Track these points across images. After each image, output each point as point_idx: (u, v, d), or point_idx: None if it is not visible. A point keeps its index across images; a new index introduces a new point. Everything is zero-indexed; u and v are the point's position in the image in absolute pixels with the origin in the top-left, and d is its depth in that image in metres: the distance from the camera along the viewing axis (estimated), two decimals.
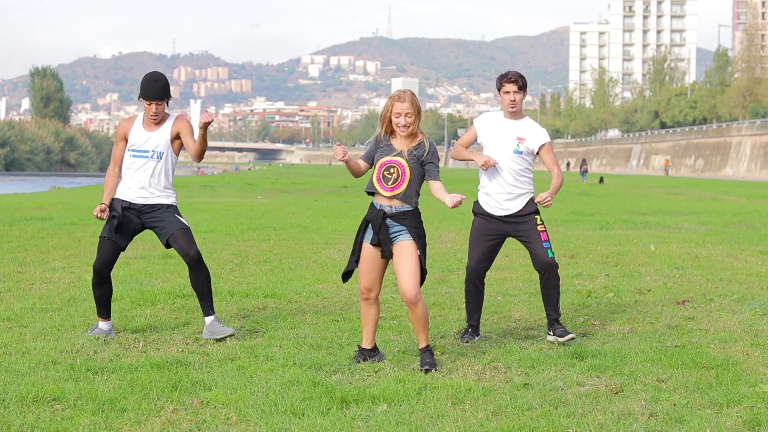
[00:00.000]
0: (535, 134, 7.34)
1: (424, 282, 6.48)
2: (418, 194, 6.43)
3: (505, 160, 7.29)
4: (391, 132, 6.43)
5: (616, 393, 5.69)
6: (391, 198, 6.34)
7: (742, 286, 10.24)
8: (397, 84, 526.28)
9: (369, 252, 6.45)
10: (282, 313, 8.44)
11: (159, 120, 7.29)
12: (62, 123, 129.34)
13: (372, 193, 6.45)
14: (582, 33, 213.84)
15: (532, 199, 7.36)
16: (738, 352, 6.78)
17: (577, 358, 6.65)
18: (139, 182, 7.28)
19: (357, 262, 6.51)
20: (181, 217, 7.36)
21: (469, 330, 7.44)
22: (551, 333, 7.28)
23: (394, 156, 6.34)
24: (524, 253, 13.43)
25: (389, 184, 6.35)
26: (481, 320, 8.03)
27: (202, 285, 7.29)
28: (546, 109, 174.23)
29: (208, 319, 7.28)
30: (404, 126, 6.33)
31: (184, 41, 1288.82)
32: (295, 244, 15.07)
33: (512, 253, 13.24)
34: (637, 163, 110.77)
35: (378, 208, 6.38)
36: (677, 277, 11.08)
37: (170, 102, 7.35)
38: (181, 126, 7.36)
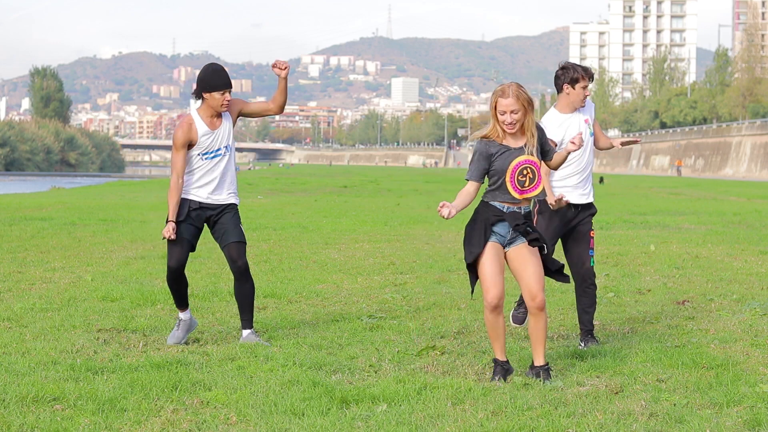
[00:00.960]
0: (589, 109, 7.30)
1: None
2: None
3: (588, 149, 7.22)
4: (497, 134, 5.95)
5: (616, 393, 5.68)
6: (522, 200, 5.97)
7: (742, 286, 10.24)
8: (397, 84, 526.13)
9: (496, 253, 5.94)
10: (282, 313, 8.44)
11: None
12: (62, 123, 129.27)
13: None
14: (582, 33, 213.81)
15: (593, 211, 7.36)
16: (738, 352, 6.77)
17: (577, 358, 6.65)
18: (213, 183, 7.13)
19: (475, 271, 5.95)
20: (241, 225, 7.25)
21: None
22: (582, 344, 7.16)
23: (525, 156, 5.92)
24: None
25: (525, 186, 5.94)
26: (483, 320, 8.05)
27: (242, 296, 7.18)
28: (546, 108, 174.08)
29: (246, 332, 7.18)
30: (510, 124, 5.88)
31: (184, 41, 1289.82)
32: (295, 244, 15.07)
33: None
34: (637, 163, 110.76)
35: (506, 211, 5.95)
36: (677, 277, 11.07)
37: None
38: (237, 105, 7.22)
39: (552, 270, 6.17)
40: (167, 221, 7.08)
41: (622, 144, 7.38)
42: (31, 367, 6.23)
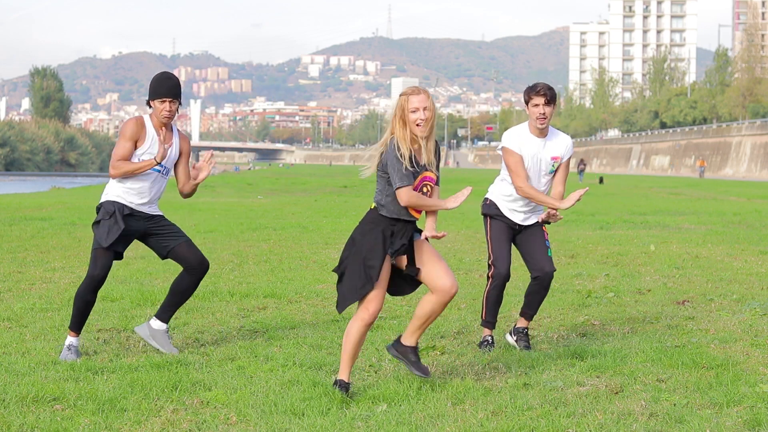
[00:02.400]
0: (565, 148, 6.93)
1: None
2: None
3: (538, 182, 6.92)
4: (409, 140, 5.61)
5: (616, 393, 5.68)
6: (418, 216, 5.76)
7: (742, 286, 10.24)
8: (397, 84, 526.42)
9: (386, 268, 5.65)
10: (282, 313, 8.44)
11: (169, 126, 6.74)
12: (62, 123, 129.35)
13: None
14: (582, 33, 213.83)
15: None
16: (738, 352, 6.77)
17: (577, 358, 6.64)
18: (145, 192, 6.71)
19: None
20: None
21: (489, 340, 7.07)
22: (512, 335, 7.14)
23: (427, 172, 5.65)
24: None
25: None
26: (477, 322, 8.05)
27: (188, 294, 6.93)
28: None
29: (163, 326, 6.84)
30: (424, 121, 5.58)
31: (184, 41, 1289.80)
32: (295, 244, 15.07)
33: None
34: (637, 163, 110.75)
35: (405, 219, 5.66)
36: (677, 277, 11.07)
37: (179, 107, 6.77)
38: (184, 147, 6.86)
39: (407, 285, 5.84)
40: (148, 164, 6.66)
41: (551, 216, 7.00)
42: (31, 367, 6.23)
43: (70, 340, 6.63)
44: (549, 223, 7.02)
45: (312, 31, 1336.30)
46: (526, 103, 6.89)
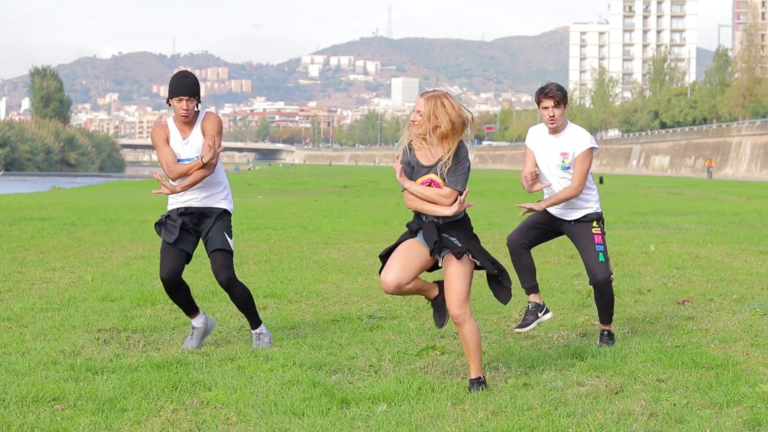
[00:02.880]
0: (578, 143, 7.00)
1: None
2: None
3: (553, 178, 7.05)
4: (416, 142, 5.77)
5: (616, 393, 5.69)
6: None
7: (742, 286, 10.24)
8: (397, 84, 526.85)
9: (410, 247, 5.84)
10: (282, 313, 8.44)
11: (190, 120, 6.89)
12: (62, 123, 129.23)
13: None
14: (582, 33, 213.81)
15: (594, 214, 7.13)
16: (738, 352, 6.78)
17: (577, 358, 6.65)
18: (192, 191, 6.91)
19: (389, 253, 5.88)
20: (229, 234, 6.94)
21: (529, 307, 7.13)
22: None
23: (431, 175, 5.74)
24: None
25: None
26: (485, 321, 8.04)
27: (239, 304, 7.02)
28: None
29: (255, 332, 7.09)
30: (412, 120, 5.73)
31: (184, 41, 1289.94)
32: (295, 244, 15.07)
33: None
34: (637, 163, 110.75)
35: (425, 219, 5.82)
36: (677, 277, 11.07)
37: (199, 104, 6.97)
38: (207, 123, 6.94)
39: (496, 280, 5.91)
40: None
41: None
42: (31, 367, 6.23)
43: (192, 322, 7.01)
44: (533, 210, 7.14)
45: (312, 31, 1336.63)
46: (537, 104, 7.02)
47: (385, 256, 5.91)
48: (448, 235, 5.77)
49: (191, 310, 7.01)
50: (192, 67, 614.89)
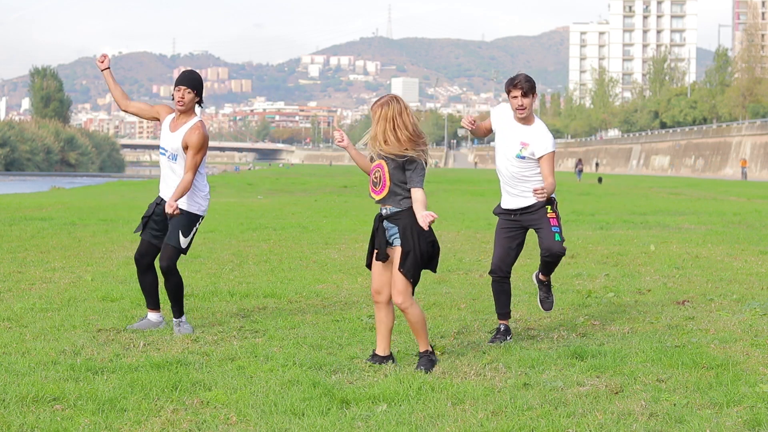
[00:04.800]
0: (540, 142, 7.21)
1: (417, 284, 6.45)
2: (408, 197, 6.26)
3: (506, 163, 7.31)
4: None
5: (616, 393, 5.69)
6: (382, 201, 6.33)
7: (742, 286, 10.24)
8: (397, 84, 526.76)
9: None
10: (282, 313, 8.44)
11: (185, 110, 7.33)
12: (62, 123, 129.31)
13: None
14: (582, 33, 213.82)
15: (548, 199, 7.30)
16: (738, 352, 6.78)
17: (577, 358, 6.65)
18: (163, 180, 7.54)
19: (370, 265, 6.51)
20: (183, 233, 7.40)
21: (501, 329, 7.38)
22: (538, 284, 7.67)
23: (379, 159, 6.32)
24: (524, 253, 13.42)
25: (376, 188, 6.34)
26: (483, 320, 8.06)
27: (168, 292, 7.54)
28: (546, 109, 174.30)
29: (176, 320, 7.59)
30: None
31: (184, 41, 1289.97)
32: (295, 244, 15.07)
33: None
34: (637, 163, 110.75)
35: (380, 211, 6.38)
36: (677, 277, 11.07)
37: (202, 104, 7.41)
38: (190, 134, 7.32)
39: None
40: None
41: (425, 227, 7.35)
42: (31, 367, 6.23)
43: (148, 315, 7.67)
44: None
45: (312, 31, 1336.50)
46: (507, 93, 7.25)
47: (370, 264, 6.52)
48: (392, 224, 6.31)
49: (153, 301, 7.63)
50: (192, 67, 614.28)
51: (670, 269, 11.78)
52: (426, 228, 6.11)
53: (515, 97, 7.15)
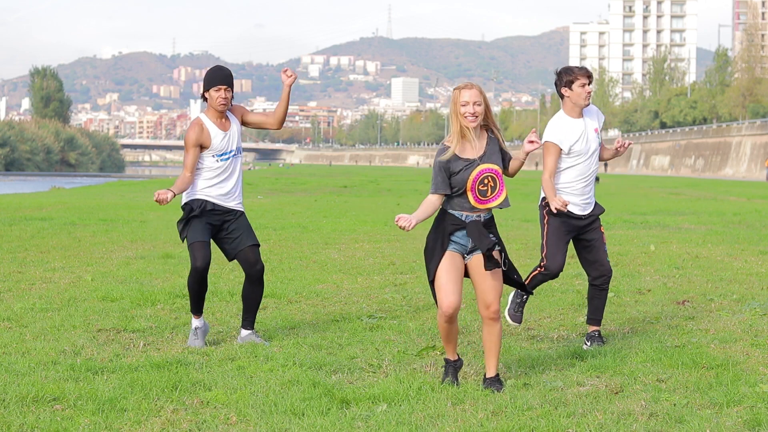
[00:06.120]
0: (598, 119, 7.22)
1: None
2: None
3: (591, 161, 7.11)
4: (457, 139, 5.77)
5: (616, 393, 5.69)
6: (482, 208, 5.79)
7: (742, 286, 10.24)
8: (397, 84, 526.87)
9: (452, 263, 5.75)
10: (282, 313, 8.44)
11: (224, 112, 7.12)
12: (62, 123, 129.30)
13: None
14: (582, 33, 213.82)
15: (600, 209, 7.21)
16: (738, 352, 6.78)
17: (577, 358, 6.65)
18: (225, 184, 7.11)
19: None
20: (252, 229, 7.23)
21: (520, 299, 7.25)
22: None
23: (483, 165, 5.73)
24: (524, 253, 13.43)
25: (487, 195, 5.75)
26: (477, 322, 8.05)
27: (253, 299, 7.19)
28: (546, 109, 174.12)
29: (246, 332, 7.22)
30: (473, 115, 5.72)
31: (184, 41, 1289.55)
32: (295, 244, 15.07)
33: (513, 253, 13.21)
34: (637, 164, 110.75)
35: (464, 219, 5.75)
36: (677, 277, 11.07)
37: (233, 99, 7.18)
38: (239, 111, 7.23)
39: (513, 279, 6.01)
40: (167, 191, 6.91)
41: (619, 148, 7.33)
42: (31, 367, 6.23)
43: (195, 322, 7.12)
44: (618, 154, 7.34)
45: (312, 31, 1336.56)
46: (569, 84, 7.00)
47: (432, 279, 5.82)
48: (489, 232, 5.83)
49: (201, 307, 7.18)
50: (192, 67, 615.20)
51: (670, 269, 11.78)
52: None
53: (584, 85, 6.99)
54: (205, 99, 7.13)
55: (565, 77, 7.03)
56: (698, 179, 70.11)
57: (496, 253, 5.80)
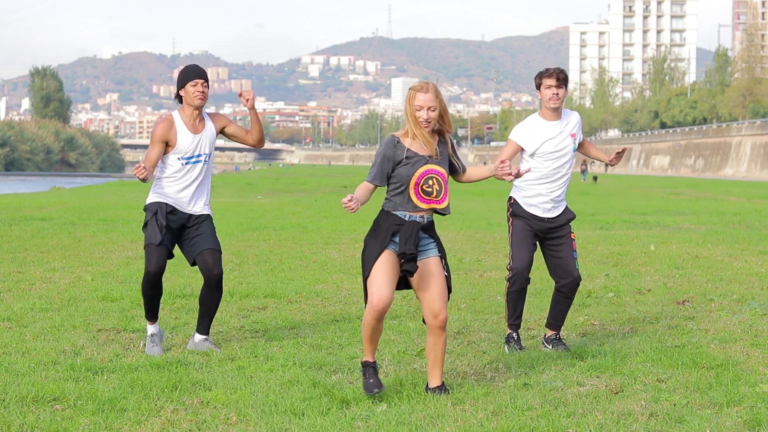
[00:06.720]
0: (576, 124, 7.07)
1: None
2: None
3: (561, 164, 6.98)
4: (410, 136, 5.65)
5: (616, 393, 5.68)
6: (426, 209, 5.67)
7: (742, 286, 10.24)
8: (397, 84, 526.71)
9: (389, 260, 5.57)
10: (282, 313, 8.44)
11: (201, 108, 6.88)
12: (62, 123, 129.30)
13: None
14: (582, 33, 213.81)
15: (571, 214, 7.09)
16: (738, 352, 6.78)
17: (577, 358, 6.64)
18: (190, 189, 6.87)
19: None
20: (216, 234, 6.98)
21: (515, 336, 7.03)
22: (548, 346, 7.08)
23: (431, 165, 5.62)
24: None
25: (432, 196, 5.62)
26: (483, 320, 8.05)
27: (210, 304, 6.96)
28: None
29: (200, 337, 6.97)
30: (426, 120, 5.59)
31: (184, 41, 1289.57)
32: (295, 244, 15.07)
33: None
34: (637, 164, 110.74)
35: (408, 219, 5.62)
36: (677, 277, 11.07)
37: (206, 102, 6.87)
38: (222, 120, 7.00)
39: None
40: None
41: (617, 155, 7.23)
42: (31, 367, 6.23)
43: (150, 329, 6.88)
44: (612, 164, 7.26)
45: (312, 31, 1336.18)
46: (538, 87, 6.99)
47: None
48: (425, 234, 5.69)
49: (155, 313, 6.92)
50: None
51: (670, 269, 11.78)
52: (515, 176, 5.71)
53: (549, 86, 6.87)
54: (179, 99, 6.87)
55: (537, 79, 7.00)
56: (698, 179, 70.13)
57: (434, 261, 5.65)
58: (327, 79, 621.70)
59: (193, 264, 6.95)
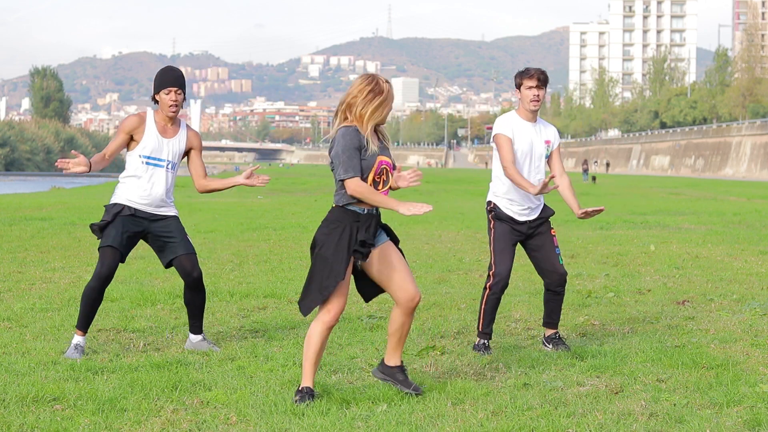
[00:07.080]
0: (554, 134, 7.06)
1: None
2: None
3: (532, 167, 6.95)
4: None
5: (616, 393, 5.69)
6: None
7: (742, 286, 10.24)
8: (397, 84, 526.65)
9: (350, 268, 5.45)
10: (282, 313, 8.44)
11: (175, 117, 6.75)
12: (62, 123, 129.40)
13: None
14: (582, 33, 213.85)
15: (550, 211, 7.08)
16: (738, 352, 6.78)
17: (577, 358, 6.64)
18: (147, 190, 6.72)
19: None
20: (188, 235, 6.89)
21: (485, 344, 6.97)
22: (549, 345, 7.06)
23: (383, 156, 5.46)
24: (524, 252, 13.42)
25: (379, 188, 5.45)
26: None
27: (196, 305, 6.89)
28: (546, 109, 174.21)
29: (195, 337, 6.94)
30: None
31: (184, 41, 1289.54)
32: (295, 244, 15.07)
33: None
34: (637, 163, 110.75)
35: (365, 213, 5.42)
36: (677, 277, 11.07)
37: (183, 102, 6.76)
38: (196, 142, 6.88)
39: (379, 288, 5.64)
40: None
41: (585, 214, 6.95)
42: (31, 367, 6.23)
43: (77, 339, 6.68)
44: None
45: (312, 31, 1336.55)
46: (518, 87, 6.96)
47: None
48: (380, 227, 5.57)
49: (89, 324, 6.72)
50: (192, 67, 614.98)
51: (670, 269, 11.78)
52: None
53: (530, 87, 6.84)
54: (155, 101, 6.74)
55: (517, 78, 6.96)
56: (698, 179, 70.13)
57: (387, 245, 5.51)
58: (327, 79, 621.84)
59: (167, 266, 6.84)
